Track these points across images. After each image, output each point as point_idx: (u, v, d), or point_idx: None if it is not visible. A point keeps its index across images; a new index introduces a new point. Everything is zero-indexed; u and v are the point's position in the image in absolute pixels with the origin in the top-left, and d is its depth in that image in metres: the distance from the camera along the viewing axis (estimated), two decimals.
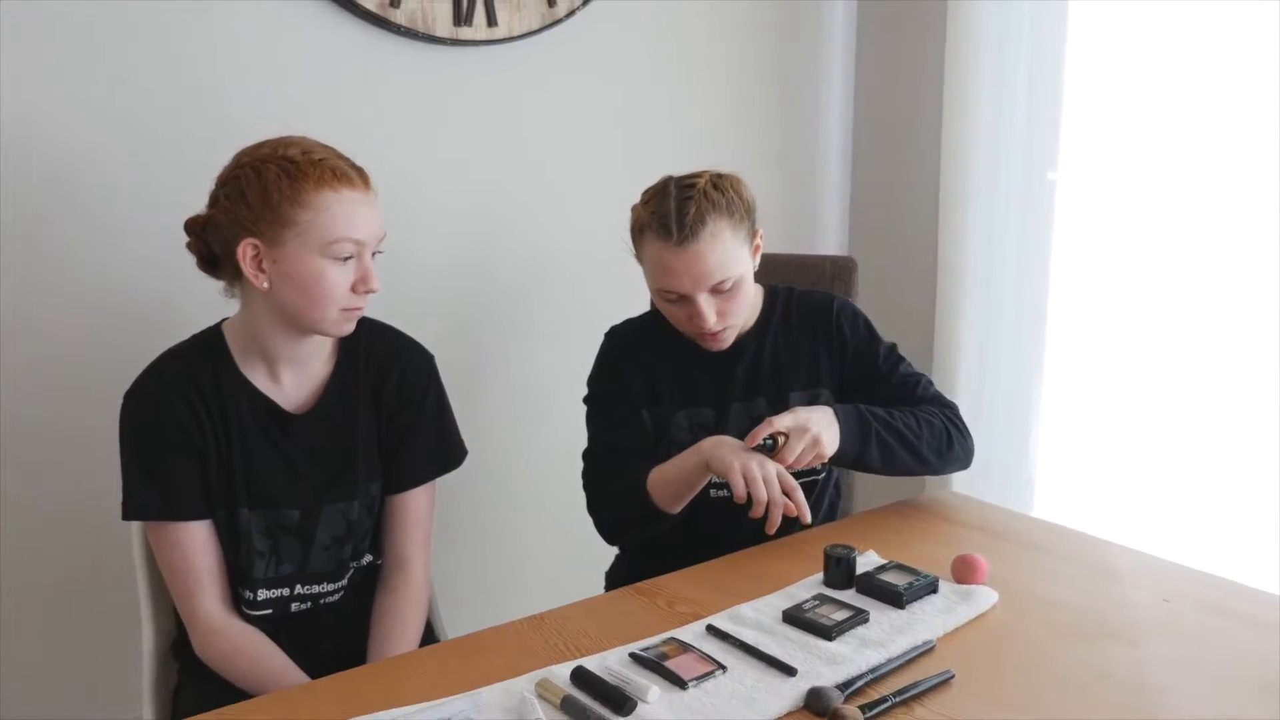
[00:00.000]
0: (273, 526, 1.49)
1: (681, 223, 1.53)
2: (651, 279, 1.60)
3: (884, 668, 1.19)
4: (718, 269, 1.55)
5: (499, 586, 2.43)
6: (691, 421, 1.68)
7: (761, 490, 1.41)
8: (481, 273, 2.33)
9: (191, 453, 1.44)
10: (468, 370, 2.31)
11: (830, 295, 1.75)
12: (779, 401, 1.68)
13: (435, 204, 2.23)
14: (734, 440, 1.50)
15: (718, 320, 1.58)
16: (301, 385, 1.52)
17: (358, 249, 1.42)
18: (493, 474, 2.36)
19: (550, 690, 1.12)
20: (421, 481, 1.59)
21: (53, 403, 1.88)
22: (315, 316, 1.42)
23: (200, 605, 1.45)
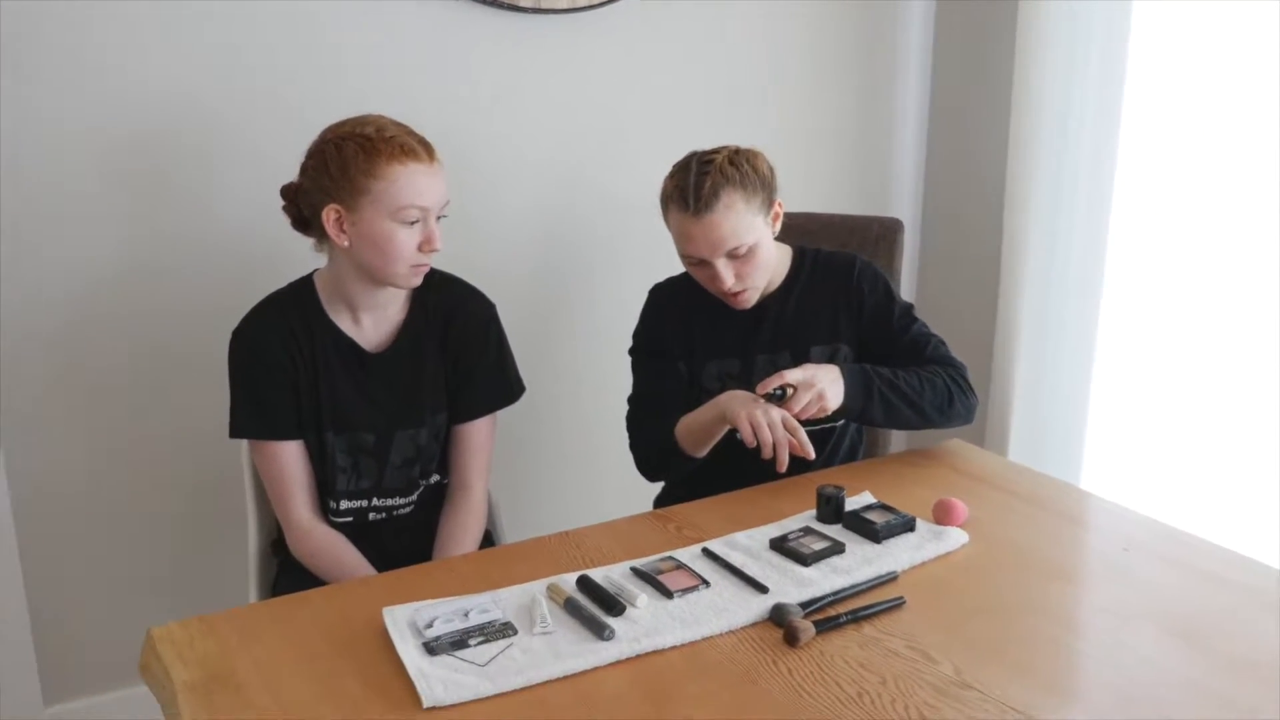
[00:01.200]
0: (353, 448, 1.75)
1: (698, 195, 1.72)
2: (676, 245, 1.80)
3: (845, 592, 1.39)
4: (731, 236, 1.73)
5: (553, 509, 2.68)
6: (720, 371, 1.88)
7: (767, 434, 1.60)
8: (554, 234, 2.55)
9: (286, 383, 1.71)
10: (536, 314, 2.55)
11: (853, 256, 1.92)
12: (801, 355, 1.86)
13: (514, 169, 2.45)
14: (744, 393, 1.70)
15: (736, 282, 1.77)
16: (379, 328, 1.77)
17: (423, 214, 1.65)
18: (551, 410, 2.60)
19: (557, 592, 1.36)
20: (482, 414, 1.83)
21: (176, 335, 2.19)
22: (388, 271, 1.67)
23: (293, 511, 1.74)
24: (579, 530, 1.60)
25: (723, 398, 1.72)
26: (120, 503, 2.24)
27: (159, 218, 2.14)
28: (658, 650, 1.27)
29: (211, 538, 2.31)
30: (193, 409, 2.22)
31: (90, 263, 2.10)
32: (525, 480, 2.61)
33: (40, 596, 2.20)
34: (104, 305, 2.13)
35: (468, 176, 2.31)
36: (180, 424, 2.23)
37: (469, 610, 1.31)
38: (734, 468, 1.80)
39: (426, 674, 1.19)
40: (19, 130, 1.99)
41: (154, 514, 2.27)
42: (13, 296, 2.05)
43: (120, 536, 2.25)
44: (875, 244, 2.31)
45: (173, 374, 2.21)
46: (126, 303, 2.15)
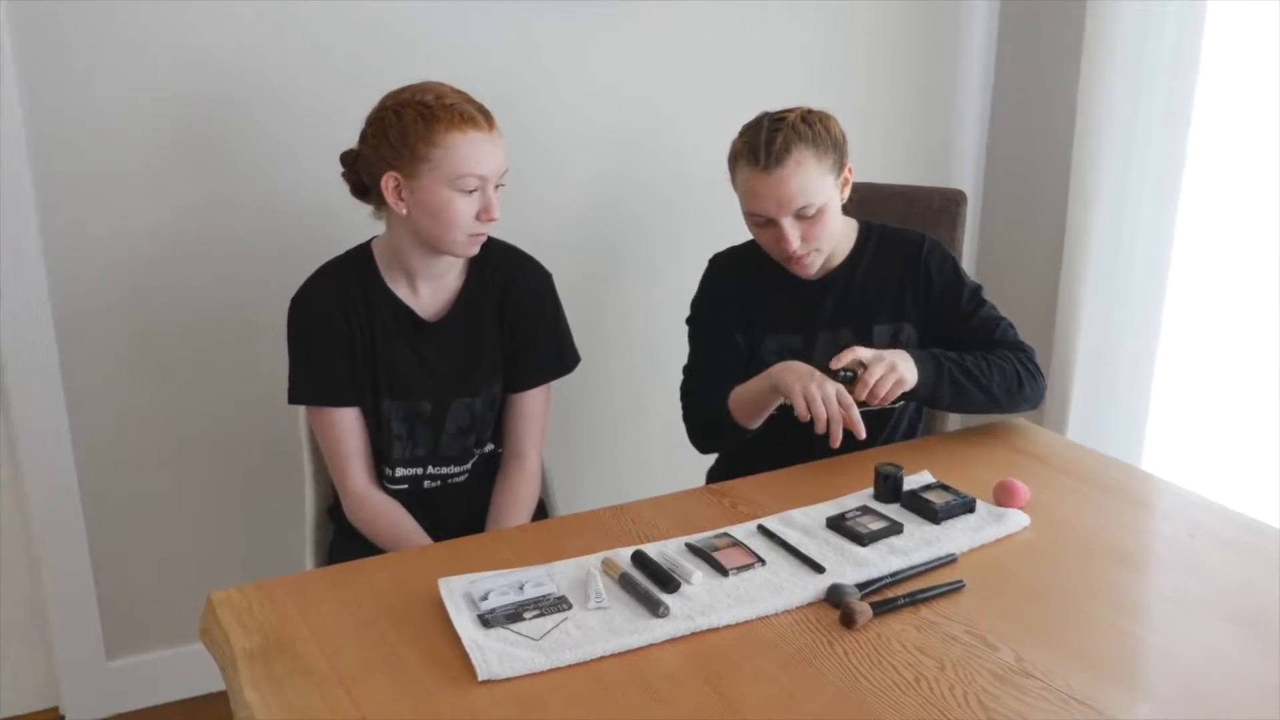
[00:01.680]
0: (409, 415, 1.76)
1: (769, 150, 1.69)
2: (742, 203, 1.77)
3: (903, 573, 1.37)
4: (800, 194, 1.70)
5: (603, 480, 2.67)
6: (780, 346, 1.86)
7: (821, 409, 1.58)
8: (610, 204, 2.53)
9: (343, 349, 1.72)
10: (589, 284, 2.53)
11: (921, 235, 1.88)
12: (863, 333, 1.83)
13: (572, 137, 2.43)
14: (800, 365, 1.67)
15: (802, 244, 1.73)
16: (436, 296, 1.77)
17: (481, 183, 1.64)
18: (603, 381, 2.59)
19: (612, 567, 1.36)
20: (537, 383, 1.83)
21: (236, 302, 2.21)
22: (445, 240, 1.66)
23: (350, 477, 1.75)
24: (633, 504, 1.59)
25: (777, 369, 1.69)
26: (181, 465, 2.27)
27: (219, 186, 2.15)
28: (712, 628, 1.26)
29: (270, 501, 2.34)
30: (253, 374, 2.24)
31: (151, 231, 2.13)
32: (576, 451, 2.61)
33: (103, 554, 2.24)
34: (165, 273, 2.16)
35: (525, 145, 2.30)
36: (240, 389, 2.26)
37: (524, 583, 1.31)
38: (787, 442, 1.78)
39: (481, 646, 1.20)
40: (78, 98, 2.01)
41: (214, 476, 2.30)
42: (75, 262, 2.08)
43: (181, 497, 2.29)
44: (937, 216, 2.26)
45: (233, 340, 2.23)
46: (187, 270, 2.17)
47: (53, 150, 2.02)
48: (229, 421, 2.28)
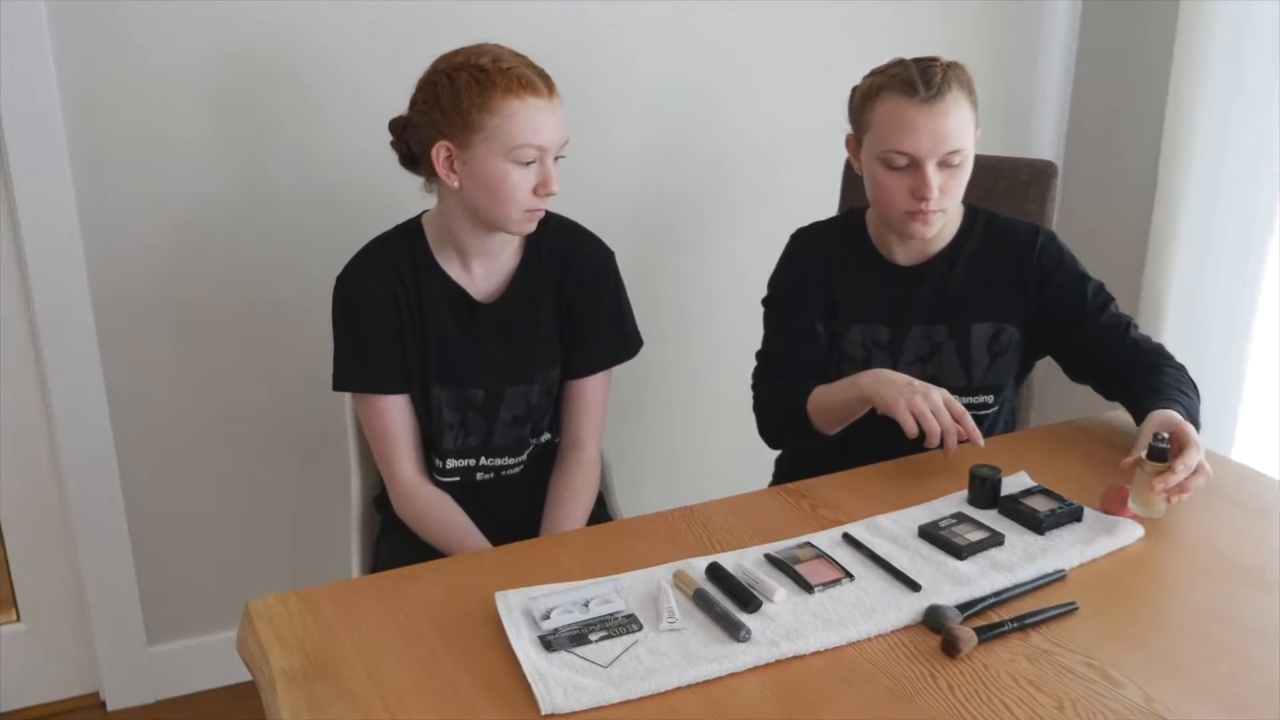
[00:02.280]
0: (461, 403, 1.64)
1: (929, 81, 1.54)
2: (881, 141, 1.58)
3: (1008, 593, 1.24)
4: (955, 134, 1.55)
5: (668, 471, 2.56)
6: (866, 338, 1.71)
7: (933, 422, 1.44)
8: (667, 174, 2.39)
9: (391, 333, 1.60)
10: (645, 261, 2.40)
11: (1035, 227, 1.71)
12: (960, 331, 1.68)
13: (628, 101, 2.29)
14: (894, 374, 1.53)
15: (939, 196, 1.57)
16: (490, 276, 1.64)
17: (539, 154, 1.51)
18: (670, 366, 2.46)
19: (685, 582, 1.23)
20: (597, 370, 1.71)
21: (281, 278, 2.11)
22: (499, 215, 1.53)
23: (398, 468, 1.64)
24: (703, 506, 1.46)
25: (868, 380, 1.54)
26: (224, 448, 2.18)
27: (262, 154, 2.04)
28: (799, 655, 1.13)
29: (314, 487, 2.25)
30: (297, 355, 2.14)
31: (191, 204, 2.02)
32: (634, 439, 2.49)
33: (144, 542, 2.17)
34: (207, 247, 2.05)
35: (579, 110, 2.16)
36: (284, 370, 2.16)
37: (589, 600, 1.19)
38: (866, 437, 1.64)
39: (544, 675, 1.08)
40: (115, 62, 1.90)
41: (257, 463, 2.21)
42: (113, 238, 1.98)
43: (223, 484, 2.20)
44: (1024, 190, 2.10)
45: (277, 318, 2.13)
46: (229, 246, 2.07)
47: (89, 117, 1.91)
48: (273, 405, 2.18)
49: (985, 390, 1.69)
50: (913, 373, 1.63)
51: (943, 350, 1.68)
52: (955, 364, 1.68)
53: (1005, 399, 1.73)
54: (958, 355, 1.68)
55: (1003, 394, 1.71)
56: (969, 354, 1.68)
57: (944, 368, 1.68)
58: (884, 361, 1.69)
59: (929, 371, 1.68)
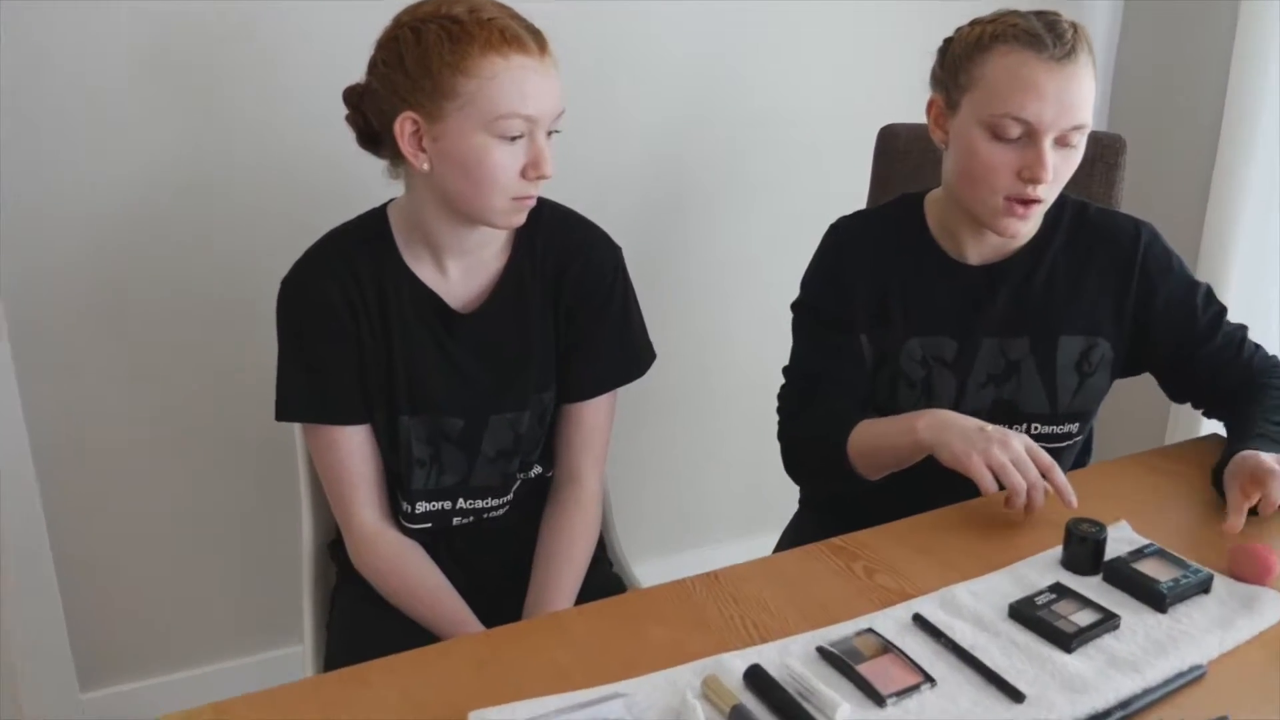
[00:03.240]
0: (434, 435, 1.35)
1: (1060, 35, 1.25)
2: (993, 103, 1.26)
3: (1137, 702, 0.95)
4: (1082, 105, 1.25)
5: (677, 508, 2.30)
6: (926, 353, 1.42)
7: (1017, 477, 1.18)
8: (680, 158, 2.09)
9: (348, 349, 1.31)
10: (650, 261, 2.11)
11: (1136, 223, 1.41)
12: (1045, 345, 1.39)
13: (636, 74, 2.00)
14: (958, 417, 1.25)
15: (1052, 182, 1.27)
16: (470, 279, 1.35)
17: (529, 126, 1.21)
18: (681, 379, 2.18)
19: (718, 693, 0.94)
20: (601, 391, 1.42)
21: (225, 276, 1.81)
22: (479, 205, 1.24)
23: (355, 513, 1.35)
24: (730, 571, 1.18)
25: (927, 424, 1.26)
26: (160, 478, 1.89)
27: (204, 127, 1.74)
28: None
29: (260, 523, 1.96)
30: (243, 367, 1.85)
31: (121, 186, 1.72)
32: (636, 464, 2.21)
33: (72, 579, 1.88)
34: (136, 241, 1.75)
35: (582, 85, 1.88)
36: (227, 385, 1.86)
37: None
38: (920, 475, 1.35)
39: None
40: (38, 14, 1.59)
41: (198, 492, 1.92)
42: (29, 222, 1.68)
43: (158, 513, 1.91)
44: (1088, 167, 1.80)
45: (221, 325, 1.84)
46: (164, 238, 1.77)
47: None
48: (218, 423, 1.89)
49: (1071, 418, 1.41)
50: (985, 397, 1.36)
51: (1022, 369, 1.40)
52: (1037, 386, 1.40)
53: (1089, 427, 1.45)
54: (1040, 375, 1.40)
55: (1089, 421, 1.43)
56: (1054, 373, 1.40)
57: (1024, 390, 1.40)
58: (948, 382, 1.40)
59: (1004, 395, 1.40)
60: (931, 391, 1.40)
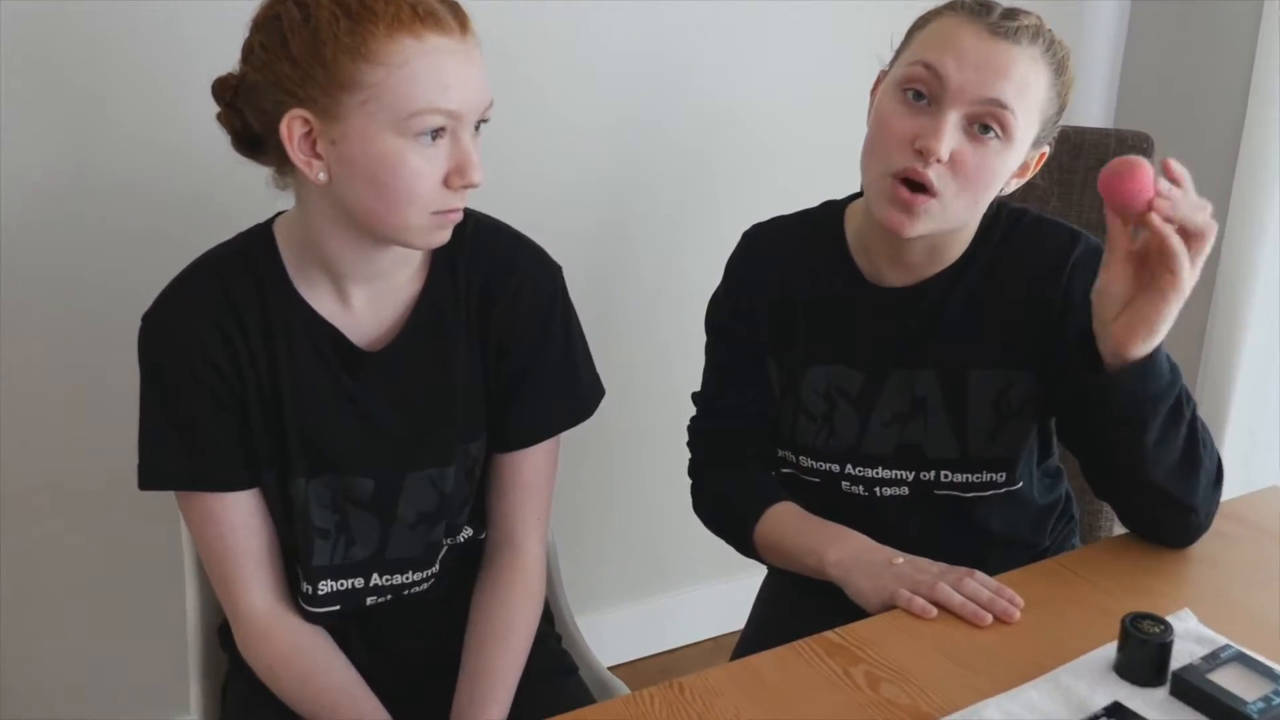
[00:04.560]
0: (339, 500, 1.11)
1: (1012, 18, 1.07)
2: (915, 53, 1.10)
3: None
4: (1010, 86, 1.05)
5: (643, 549, 2.07)
6: (830, 384, 1.22)
7: (971, 607, 1.00)
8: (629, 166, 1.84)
9: (226, 399, 1.07)
10: (598, 282, 1.88)
11: (1074, 233, 1.17)
12: (953, 378, 1.18)
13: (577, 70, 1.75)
14: (865, 550, 1.11)
15: (941, 171, 1.06)
16: (379, 310, 1.11)
17: (451, 124, 0.97)
18: (643, 407, 1.95)
19: None
20: (542, 437, 1.18)
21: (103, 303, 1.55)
22: (392, 222, 1.00)
23: (243, 597, 1.11)
24: (699, 678, 0.94)
25: (836, 559, 1.11)
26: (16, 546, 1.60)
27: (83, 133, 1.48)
28: None
29: (142, 602, 1.69)
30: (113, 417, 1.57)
31: None
32: (584, 511, 1.99)
33: None
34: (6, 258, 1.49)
35: (509, 78, 1.64)
36: (105, 434, 1.57)
37: None
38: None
39: None
40: None
41: (64, 561, 1.64)
42: None
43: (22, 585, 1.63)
44: None
45: (95, 363, 1.56)
46: (35, 254, 1.50)
47: None
48: (88, 482, 1.61)
49: (991, 465, 1.19)
50: (889, 438, 1.19)
51: (928, 407, 1.19)
52: (944, 427, 1.18)
53: (1025, 474, 1.22)
54: (948, 414, 1.18)
55: (1017, 467, 1.20)
56: (964, 413, 1.18)
57: (930, 432, 1.19)
58: (850, 419, 1.21)
59: (909, 437, 1.19)
60: (833, 429, 1.22)
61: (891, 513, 1.21)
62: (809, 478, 1.25)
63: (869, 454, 1.20)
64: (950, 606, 1.00)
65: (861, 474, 1.21)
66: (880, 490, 1.21)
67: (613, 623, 2.06)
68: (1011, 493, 1.21)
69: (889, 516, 1.21)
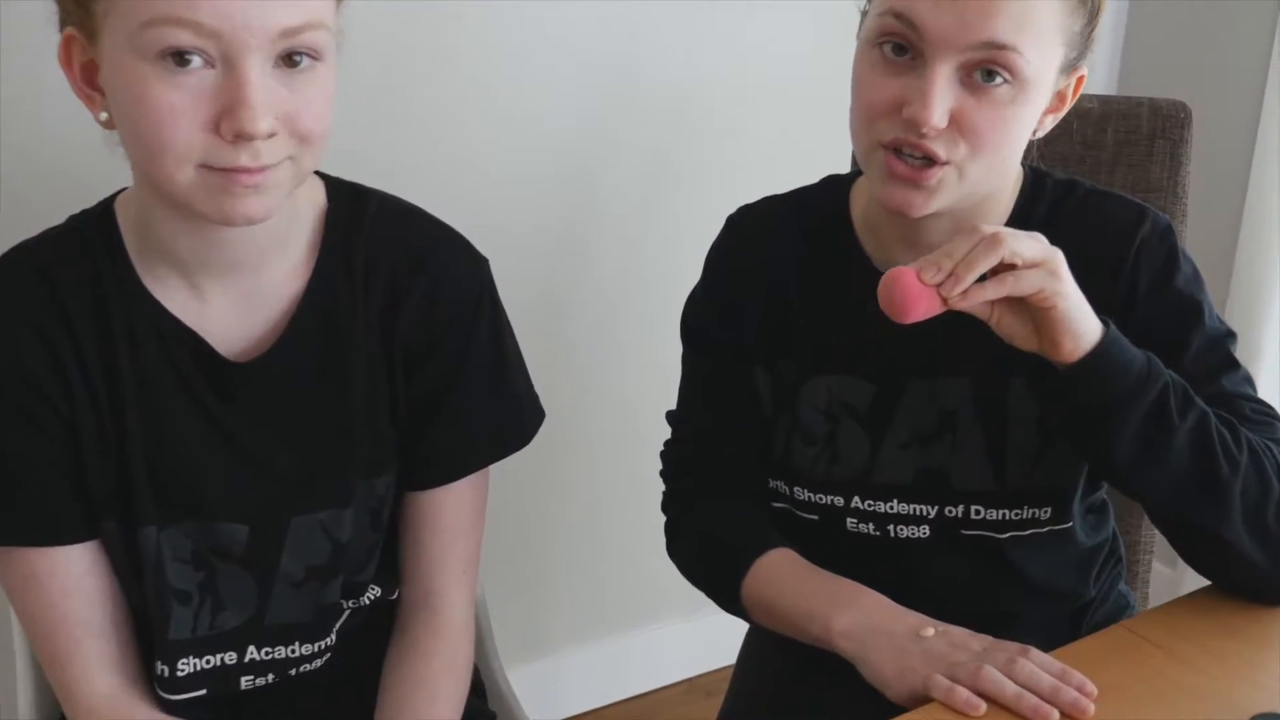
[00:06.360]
0: (203, 552, 0.89)
1: None
2: (874, 7, 0.90)
3: None
4: (1001, 24, 0.84)
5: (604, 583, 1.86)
6: (833, 399, 1.00)
7: (1014, 695, 0.78)
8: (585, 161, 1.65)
9: (50, 425, 0.85)
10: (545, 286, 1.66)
11: (1140, 209, 0.97)
12: (990, 388, 0.97)
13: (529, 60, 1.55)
14: (888, 615, 0.90)
15: (943, 134, 0.86)
16: (249, 311, 0.88)
17: (218, 46, 0.73)
18: (602, 423, 1.74)
19: None
20: (467, 470, 0.97)
21: None
22: (157, 177, 0.78)
23: (79, 683, 0.88)
24: None
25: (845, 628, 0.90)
26: None
27: None
28: None
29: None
30: None
31: None
32: (551, 539, 1.77)
33: None
34: None
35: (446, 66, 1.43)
36: None
37: None
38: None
39: None
40: None
41: None
42: None
43: None
44: (1149, 143, 1.37)
45: None
46: None
47: None
48: None
49: (1034, 498, 0.98)
50: (905, 465, 0.99)
51: (958, 424, 0.98)
52: (978, 450, 0.98)
53: (1074, 509, 1.00)
54: (984, 433, 0.97)
55: (1067, 502, 0.99)
56: (1003, 433, 0.97)
57: (960, 456, 0.98)
58: (859, 442, 1.01)
59: (933, 461, 0.99)
60: (837, 453, 1.01)
61: (909, 557, 0.99)
62: (806, 514, 1.03)
63: (881, 484, 0.99)
64: (1002, 699, 0.77)
65: (872, 509, 0.99)
66: (895, 529, 0.99)
67: (573, 668, 1.87)
68: (1056, 532, 0.99)
69: (905, 561, 0.99)
